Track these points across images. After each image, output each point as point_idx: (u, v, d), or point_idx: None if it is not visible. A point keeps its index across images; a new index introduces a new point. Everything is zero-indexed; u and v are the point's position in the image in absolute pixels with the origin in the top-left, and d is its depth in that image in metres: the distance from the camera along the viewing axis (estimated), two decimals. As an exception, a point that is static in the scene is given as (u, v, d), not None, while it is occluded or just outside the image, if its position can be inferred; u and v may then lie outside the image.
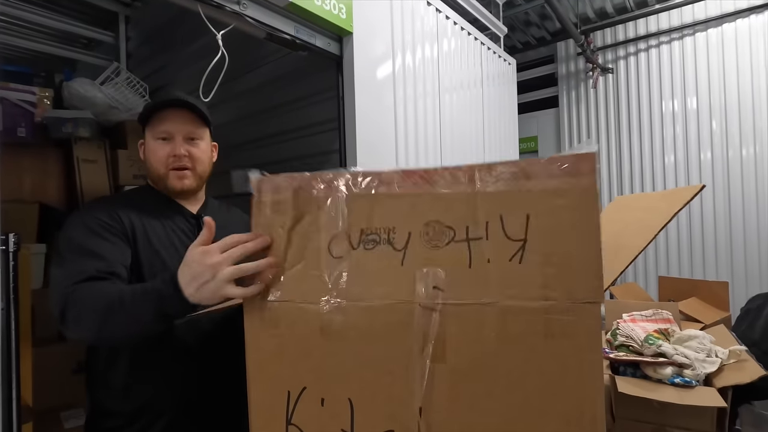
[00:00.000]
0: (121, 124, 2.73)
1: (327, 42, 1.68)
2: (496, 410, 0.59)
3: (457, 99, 2.53)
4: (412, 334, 0.62)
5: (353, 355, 0.65)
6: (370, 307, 0.65)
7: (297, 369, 0.68)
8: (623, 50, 3.70)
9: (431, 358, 0.61)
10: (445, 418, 0.61)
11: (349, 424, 0.65)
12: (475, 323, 0.60)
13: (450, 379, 0.61)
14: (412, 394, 0.61)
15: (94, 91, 2.64)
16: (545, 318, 0.57)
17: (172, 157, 1.01)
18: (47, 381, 2.19)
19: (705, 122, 3.36)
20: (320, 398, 0.67)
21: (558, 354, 0.57)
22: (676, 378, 1.18)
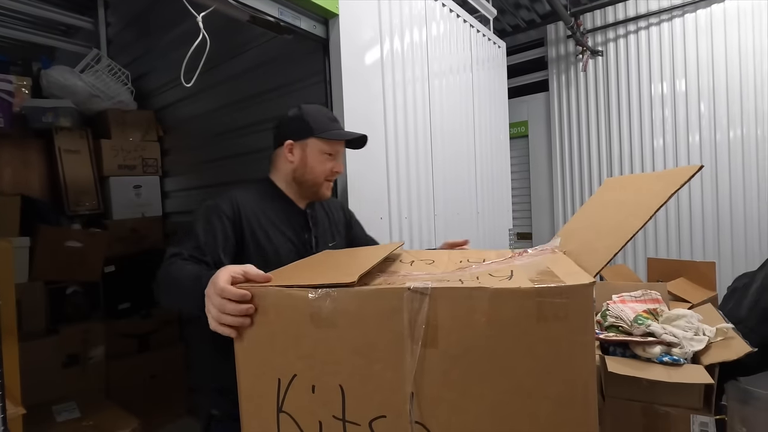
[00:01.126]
0: (103, 113, 2.67)
1: (312, 24, 1.64)
2: (488, 394, 0.59)
3: (447, 84, 2.50)
4: (402, 320, 0.60)
5: (343, 342, 0.64)
6: (360, 292, 0.64)
7: (287, 356, 0.67)
8: (613, 32, 3.68)
9: (422, 343, 0.60)
10: (436, 403, 0.60)
11: (340, 410, 0.64)
12: (466, 307, 0.58)
13: (441, 364, 0.60)
14: (404, 380, 0.61)
15: (73, 79, 2.57)
16: (537, 301, 0.56)
17: (333, 172, 1.21)
18: (37, 375, 2.18)
19: (693, 105, 3.37)
20: (311, 385, 0.66)
21: (550, 337, 0.56)
22: (665, 356, 1.20)
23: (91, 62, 2.71)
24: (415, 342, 0.60)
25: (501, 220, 3.16)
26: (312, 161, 1.18)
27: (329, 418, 0.65)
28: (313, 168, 1.18)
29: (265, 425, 0.69)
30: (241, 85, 2.30)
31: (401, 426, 0.61)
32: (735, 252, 3.23)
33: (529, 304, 0.56)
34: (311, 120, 1.18)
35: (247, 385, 0.70)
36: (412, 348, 0.60)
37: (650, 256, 3.47)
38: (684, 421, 1.14)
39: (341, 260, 0.92)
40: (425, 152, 2.28)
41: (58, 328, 2.32)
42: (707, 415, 1.13)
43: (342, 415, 0.64)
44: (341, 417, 0.64)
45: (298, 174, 1.19)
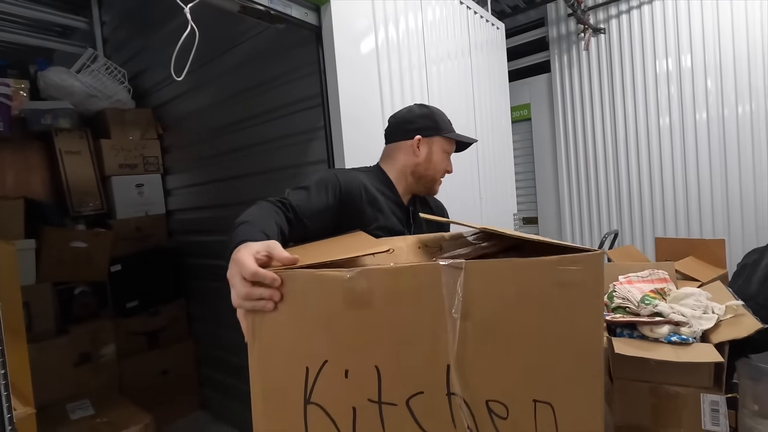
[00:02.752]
0: (102, 113, 2.66)
1: (304, 12, 1.61)
2: (519, 358, 0.63)
3: (445, 70, 2.46)
4: (439, 295, 0.62)
5: (379, 321, 0.63)
6: (396, 269, 0.64)
7: (316, 343, 0.65)
8: (615, 8, 3.58)
9: (461, 315, 0.62)
10: (472, 373, 0.63)
11: (376, 393, 0.64)
12: (497, 280, 0.62)
13: (476, 335, 0.63)
14: (440, 354, 0.62)
15: (70, 79, 2.56)
16: (559, 269, 0.61)
17: (447, 171, 1.30)
18: (50, 374, 2.21)
19: (700, 81, 3.29)
20: (344, 370, 0.64)
21: (570, 300, 0.62)
22: (673, 336, 1.18)
23: (87, 62, 2.70)
24: (453, 315, 0.62)
25: (505, 205, 3.13)
26: (436, 158, 1.26)
27: (364, 402, 0.64)
28: (436, 164, 1.26)
29: (287, 422, 0.65)
30: (237, 78, 2.28)
31: (438, 400, 0.63)
32: (745, 229, 3.18)
33: (552, 272, 0.61)
34: (439, 119, 1.26)
35: (267, 381, 0.66)
36: (449, 321, 0.62)
37: (658, 235, 3.42)
38: (694, 400, 1.13)
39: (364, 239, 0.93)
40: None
41: (69, 328, 2.35)
42: (718, 393, 1.11)
43: (378, 398, 0.63)
44: (377, 399, 0.63)
45: (421, 168, 1.25)
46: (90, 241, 2.39)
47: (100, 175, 2.63)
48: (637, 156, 3.60)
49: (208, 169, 2.62)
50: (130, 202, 2.73)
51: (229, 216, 2.72)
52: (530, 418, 0.63)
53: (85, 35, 3.13)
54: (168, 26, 2.54)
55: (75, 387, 2.29)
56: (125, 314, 2.60)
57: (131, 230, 2.72)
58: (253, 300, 0.65)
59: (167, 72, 1.43)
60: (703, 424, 1.13)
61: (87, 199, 2.55)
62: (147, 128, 2.81)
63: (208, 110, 2.53)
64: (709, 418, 1.13)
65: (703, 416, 1.13)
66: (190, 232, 2.85)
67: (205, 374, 2.89)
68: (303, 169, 1.99)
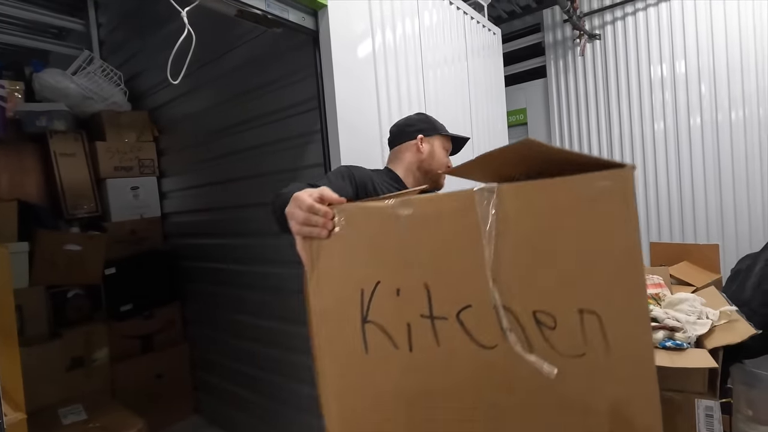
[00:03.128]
0: (98, 115, 2.65)
1: (301, 16, 1.61)
2: (558, 272, 0.66)
3: (441, 75, 2.47)
4: (476, 215, 0.67)
5: (424, 243, 0.70)
6: (434, 196, 0.74)
7: (368, 266, 0.72)
8: (610, 15, 3.62)
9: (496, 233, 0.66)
10: (515, 286, 0.67)
11: (427, 308, 0.69)
12: (529, 198, 0.66)
13: (513, 251, 0.66)
14: (481, 270, 0.67)
15: (66, 81, 2.55)
16: (589, 186, 0.63)
17: (448, 166, 1.42)
18: (42, 379, 2.19)
19: (694, 86, 3.32)
20: (395, 289, 0.70)
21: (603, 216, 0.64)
22: (668, 342, 1.19)
23: (83, 64, 2.69)
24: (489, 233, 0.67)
25: (501, 209, 3.13)
26: (438, 154, 1.41)
27: (417, 317, 0.69)
28: (439, 159, 1.41)
29: (347, 342, 0.71)
30: (233, 81, 2.28)
31: (485, 311, 0.67)
32: (739, 234, 3.20)
33: (583, 189, 0.64)
34: (434, 122, 1.45)
35: (325, 304, 0.73)
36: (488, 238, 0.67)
37: (653, 240, 3.44)
38: (689, 406, 1.13)
39: None
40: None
41: (62, 332, 2.33)
42: (712, 399, 1.12)
43: (429, 313, 0.69)
44: (429, 314, 0.69)
45: (426, 164, 1.40)
46: (84, 244, 2.38)
47: (95, 177, 2.62)
48: (632, 161, 3.62)
49: (203, 172, 2.62)
50: (125, 204, 2.72)
51: (224, 219, 2.72)
52: (578, 327, 0.65)
53: (81, 37, 3.12)
54: (165, 29, 2.54)
55: (67, 391, 2.27)
56: (119, 318, 2.58)
57: (126, 233, 2.70)
58: (310, 226, 0.74)
59: (163, 75, 1.43)
60: (697, 429, 1.14)
61: (81, 201, 2.54)
62: (143, 131, 2.81)
63: (204, 113, 2.53)
64: (703, 423, 1.13)
65: (698, 422, 1.13)
66: (186, 235, 2.84)
67: (199, 378, 2.87)
68: (299, 173, 1.99)
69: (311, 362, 2.12)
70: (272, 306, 2.23)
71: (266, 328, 2.28)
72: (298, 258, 0.77)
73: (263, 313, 2.30)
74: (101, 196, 2.65)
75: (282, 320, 2.19)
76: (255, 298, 2.34)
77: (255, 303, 2.34)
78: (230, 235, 2.48)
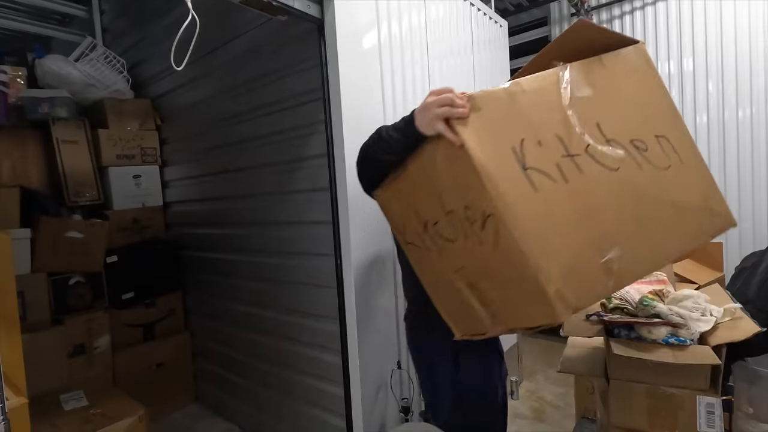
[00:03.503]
0: (100, 103, 2.64)
1: (306, 4, 1.59)
2: (630, 114, 1.03)
3: (447, 67, 2.44)
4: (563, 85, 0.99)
5: (537, 107, 0.96)
6: (537, 75, 1.00)
7: (511, 131, 0.91)
8: (618, 9, 3.57)
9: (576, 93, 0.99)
10: (613, 126, 0.99)
11: (564, 150, 0.94)
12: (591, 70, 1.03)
13: (590, 104, 1.00)
14: (593, 119, 1.00)
15: (68, 68, 2.53)
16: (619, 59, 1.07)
17: None
18: (43, 365, 2.20)
19: (701, 84, 3.29)
20: (537, 141, 0.92)
21: (638, 80, 1.08)
22: (671, 338, 1.19)
23: (85, 51, 2.67)
24: (575, 95, 0.98)
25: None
26: None
27: (560, 158, 0.93)
28: None
29: (516, 185, 0.89)
30: (236, 71, 2.26)
31: (603, 146, 0.96)
32: (742, 232, 3.18)
33: (617, 63, 1.06)
34: None
35: (491, 167, 0.88)
36: (576, 100, 0.98)
37: (656, 238, 3.43)
38: (690, 402, 1.15)
39: None
40: (426, 136, 2.24)
41: (63, 319, 2.34)
42: (714, 395, 1.12)
43: (567, 152, 0.93)
44: (567, 153, 0.93)
45: None
46: (86, 232, 2.38)
47: (97, 165, 2.61)
48: (637, 158, 3.61)
49: (206, 162, 2.61)
50: (127, 193, 2.71)
51: (226, 209, 2.71)
52: (659, 147, 1.01)
53: (84, 24, 3.10)
54: (168, 17, 2.51)
55: (69, 378, 2.28)
56: (121, 306, 2.58)
57: (128, 221, 2.70)
58: (454, 107, 0.89)
59: (166, 63, 1.42)
60: (698, 426, 1.14)
61: (84, 189, 2.53)
62: (145, 119, 2.79)
63: (206, 103, 2.51)
64: (704, 420, 1.14)
65: (699, 418, 1.14)
66: (188, 224, 2.83)
67: (200, 367, 2.88)
68: (303, 163, 1.98)
69: (311, 353, 2.12)
70: (274, 296, 2.23)
71: (267, 318, 2.29)
72: (304, 250, 0.76)
73: (265, 303, 2.30)
74: (103, 184, 2.65)
75: (283, 311, 2.19)
76: (256, 289, 2.34)
77: (257, 293, 2.35)
78: (232, 225, 2.48)
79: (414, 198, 1.10)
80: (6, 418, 0.93)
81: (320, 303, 1.96)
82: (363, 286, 1.77)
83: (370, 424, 1.79)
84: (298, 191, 2.03)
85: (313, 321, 2.02)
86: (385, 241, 1.93)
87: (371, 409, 1.80)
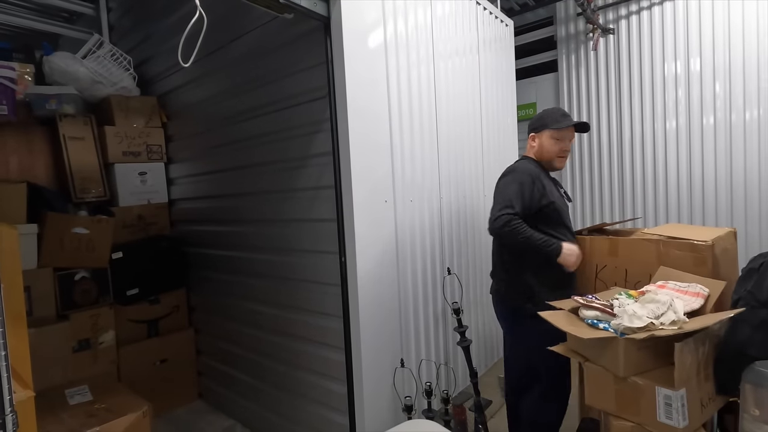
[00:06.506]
0: (106, 100, 2.65)
1: (313, 2, 1.59)
2: None
3: (452, 66, 2.44)
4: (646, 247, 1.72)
5: (621, 259, 1.79)
6: (630, 239, 1.80)
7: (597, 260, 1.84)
8: (625, 9, 3.56)
9: None
10: None
11: (623, 281, 1.76)
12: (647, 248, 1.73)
13: None
14: None
15: (75, 65, 2.55)
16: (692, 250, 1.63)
17: (561, 150, 1.86)
18: (49, 359, 2.21)
19: (708, 85, 3.26)
20: (614, 266, 1.72)
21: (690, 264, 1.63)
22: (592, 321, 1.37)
23: (93, 48, 2.68)
24: None
25: (508, 204, 3.11)
26: (546, 145, 1.84)
27: (623, 281, 1.72)
28: (548, 150, 1.84)
29: (585, 286, 1.74)
30: (242, 69, 2.27)
31: None
32: (749, 235, 3.16)
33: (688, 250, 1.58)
34: (546, 117, 1.86)
35: None
36: None
37: (661, 240, 3.40)
38: (650, 392, 1.23)
39: None
40: (430, 135, 2.24)
41: (68, 314, 2.35)
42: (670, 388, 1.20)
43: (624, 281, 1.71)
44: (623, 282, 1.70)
45: (538, 154, 1.87)
46: (92, 228, 2.39)
47: (104, 161, 2.63)
48: (642, 159, 3.58)
49: (211, 160, 2.62)
50: (132, 189, 2.73)
51: (231, 207, 2.72)
52: None
53: (92, 21, 3.11)
54: (174, 15, 2.52)
55: (74, 373, 2.29)
56: (125, 302, 2.60)
57: (133, 218, 2.71)
58: None
59: (173, 60, 1.43)
60: (657, 415, 1.22)
61: (90, 185, 2.55)
62: (151, 116, 2.80)
63: (211, 100, 2.52)
64: (663, 410, 1.21)
65: (658, 408, 1.22)
66: (193, 221, 2.84)
67: (204, 364, 2.89)
68: (308, 161, 1.98)
69: (315, 351, 2.13)
70: (277, 294, 2.24)
71: (270, 315, 2.29)
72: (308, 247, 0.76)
73: (268, 300, 2.31)
74: (109, 180, 2.66)
75: (286, 308, 2.20)
76: (260, 286, 2.35)
77: (260, 290, 2.35)
78: (237, 222, 2.48)
79: None
80: (14, 410, 0.94)
81: (324, 300, 1.96)
82: (367, 283, 1.78)
83: (372, 421, 1.79)
84: (302, 189, 2.04)
85: (316, 318, 2.03)
86: (390, 239, 1.93)
87: (374, 407, 1.80)
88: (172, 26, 2.55)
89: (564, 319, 1.41)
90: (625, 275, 1.74)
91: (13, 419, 0.94)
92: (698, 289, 1.42)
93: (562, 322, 1.38)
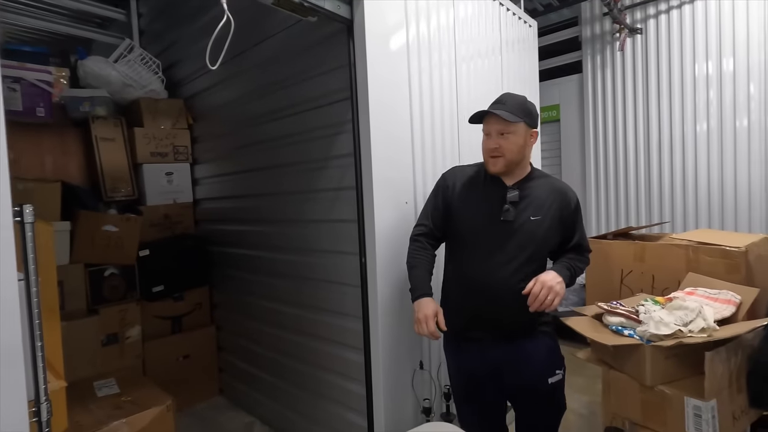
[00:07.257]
0: (136, 102, 2.74)
1: (336, 5, 1.61)
2: None
3: (475, 68, 2.42)
4: None
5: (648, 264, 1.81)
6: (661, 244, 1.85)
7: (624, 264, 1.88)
8: (653, 8, 3.46)
9: None
10: None
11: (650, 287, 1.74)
12: None
13: None
14: None
15: (108, 69, 2.65)
16: None
17: (489, 149, 1.45)
18: (79, 352, 2.30)
19: (742, 86, 3.15)
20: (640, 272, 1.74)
21: None
22: (616, 327, 1.35)
23: (124, 52, 2.78)
24: None
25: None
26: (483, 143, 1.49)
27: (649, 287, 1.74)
28: (482, 149, 1.49)
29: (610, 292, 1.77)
30: (266, 71, 2.31)
31: None
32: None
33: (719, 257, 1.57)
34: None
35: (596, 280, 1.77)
36: None
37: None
38: (678, 402, 1.20)
39: None
40: (451, 138, 2.23)
41: (98, 309, 2.44)
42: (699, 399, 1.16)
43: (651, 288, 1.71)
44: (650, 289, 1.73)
45: None
46: (121, 226, 2.47)
47: (132, 162, 2.71)
48: (671, 163, 3.47)
49: (235, 160, 2.67)
50: (159, 189, 2.81)
51: (254, 207, 2.77)
52: None
53: (123, 26, 3.23)
54: (201, 20, 2.59)
55: (102, 366, 2.37)
56: (151, 298, 2.67)
57: (160, 217, 2.79)
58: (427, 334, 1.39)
59: (199, 64, 1.46)
60: (686, 427, 1.18)
61: (120, 185, 2.64)
62: (178, 118, 2.88)
63: (236, 103, 2.58)
64: (692, 422, 1.17)
65: (687, 419, 1.18)
66: (216, 220, 2.91)
67: (224, 360, 2.95)
68: (329, 162, 2.00)
69: (334, 351, 2.13)
70: (298, 294, 2.26)
71: (291, 314, 2.32)
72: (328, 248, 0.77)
73: (288, 300, 2.33)
74: (137, 180, 2.75)
75: (308, 308, 2.22)
76: (282, 285, 2.38)
77: (282, 290, 2.38)
78: (259, 222, 2.53)
79: None
80: (48, 399, 0.98)
81: (344, 301, 1.97)
82: (386, 285, 1.78)
83: (391, 423, 1.79)
84: (324, 190, 2.06)
85: (336, 319, 2.04)
86: (410, 241, 1.93)
87: (393, 409, 1.80)
88: (198, 31, 2.62)
89: (587, 325, 1.38)
90: (652, 281, 1.70)
91: (48, 407, 0.99)
92: (729, 297, 1.37)
93: (585, 328, 1.35)
